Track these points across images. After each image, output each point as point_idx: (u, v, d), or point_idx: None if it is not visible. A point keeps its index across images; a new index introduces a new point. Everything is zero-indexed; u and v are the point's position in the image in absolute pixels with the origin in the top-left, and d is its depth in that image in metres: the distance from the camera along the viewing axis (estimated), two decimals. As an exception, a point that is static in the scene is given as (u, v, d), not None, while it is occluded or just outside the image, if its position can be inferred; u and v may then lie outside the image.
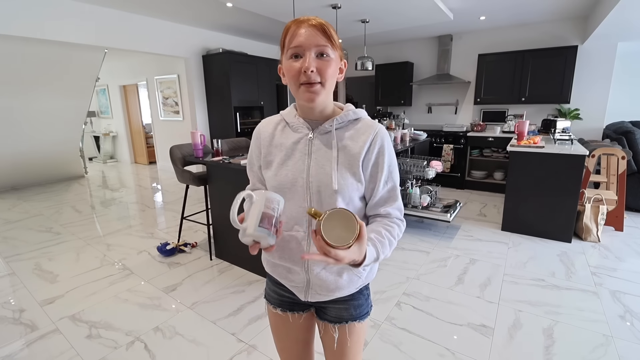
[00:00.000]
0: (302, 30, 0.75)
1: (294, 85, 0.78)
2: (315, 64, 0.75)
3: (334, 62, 0.78)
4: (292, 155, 0.84)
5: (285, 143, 0.86)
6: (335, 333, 0.92)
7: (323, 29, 0.75)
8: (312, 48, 0.75)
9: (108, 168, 7.28)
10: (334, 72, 0.78)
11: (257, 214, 0.68)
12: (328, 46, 0.76)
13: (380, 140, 0.83)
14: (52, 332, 1.95)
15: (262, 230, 0.68)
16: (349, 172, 0.81)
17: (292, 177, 0.82)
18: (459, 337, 1.86)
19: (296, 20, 0.77)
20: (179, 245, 2.98)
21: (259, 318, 2.05)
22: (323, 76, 0.76)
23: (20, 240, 3.32)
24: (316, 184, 0.81)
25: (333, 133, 0.83)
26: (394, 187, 0.86)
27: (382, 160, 0.83)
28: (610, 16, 3.22)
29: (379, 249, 0.76)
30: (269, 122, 0.91)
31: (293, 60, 0.76)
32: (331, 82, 0.79)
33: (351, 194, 0.82)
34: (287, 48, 0.77)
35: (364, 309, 0.93)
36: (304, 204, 0.82)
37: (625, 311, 2.07)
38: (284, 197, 0.82)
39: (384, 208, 0.85)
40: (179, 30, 4.70)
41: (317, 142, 0.83)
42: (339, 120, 0.83)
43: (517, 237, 3.26)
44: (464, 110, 5.52)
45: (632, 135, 3.77)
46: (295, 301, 0.94)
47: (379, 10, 3.87)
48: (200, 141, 2.74)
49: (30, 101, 4.93)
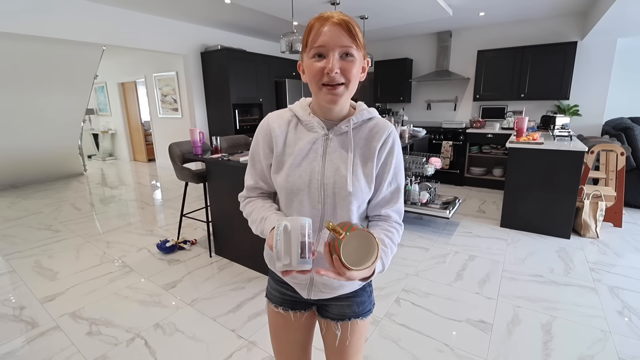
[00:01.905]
0: (326, 29, 0.71)
1: (315, 85, 0.75)
2: (339, 65, 0.72)
3: (358, 62, 0.75)
4: (307, 155, 0.81)
5: (300, 143, 0.82)
6: (337, 330, 0.91)
7: (348, 27, 0.71)
8: (337, 48, 0.72)
9: (107, 166, 7.27)
10: (357, 72, 0.76)
11: (297, 246, 0.65)
12: (353, 46, 0.72)
13: (392, 141, 0.82)
14: (52, 329, 1.95)
15: (303, 261, 0.66)
16: (364, 174, 0.80)
17: (307, 179, 0.80)
18: (457, 333, 1.87)
19: (320, 17, 0.73)
20: (178, 243, 2.98)
21: (258, 314, 2.06)
22: (347, 77, 0.74)
23: (20, 237, 3.32)
24: (331, 186, 0.79)
25: (350, 134, 0.81)
26: (397, 188, 0.85)
27: (390, 160, 0.83)
28: (610, 12, 3.21)
29: (384, 261, 0.76)
30: (279, 117, 0.86)
31: (316, 60, 0.73)
32: (354, 83, 0.76)
33: (364, 197, 0.81)
34: (309, 47, 0.74)
35: (366, 306, 0.92)
36: (317, 206, 0.80)
37: (623, 307, 2.08)
38: (296, 199, 0.81)
39: (384, 209, 0.84)
40: (177, 27, 4.68)
41: (333, 144, 0.81)
42: (354, 120, 0.82)
43: (516, 233, 3.27)
44: (463, 107, 5.51)
45: (631, 131, 3.77)
46: (298, 300, 0.93)
47: (378, 7, 3.85)
48: (199, 138, 2.73)
49: (28, 99, 4.91)
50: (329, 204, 0.80)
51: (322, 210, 0.81)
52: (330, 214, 0.81)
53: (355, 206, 0.80)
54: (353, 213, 0.81)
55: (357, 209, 0.82)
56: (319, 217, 0.81)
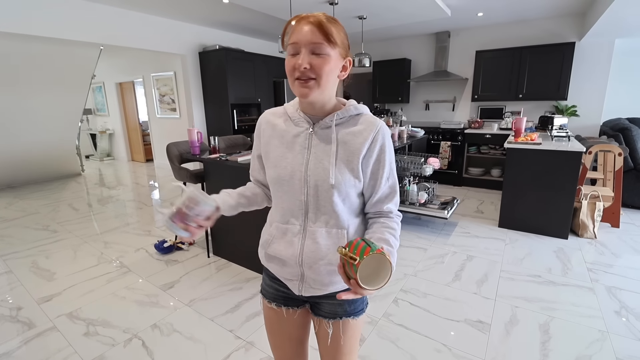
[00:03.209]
0: (300, 27, 0.76)
1: (290, 79, 0.79)
2: (309, 61, 0.75)
3: (331, 59, 0.77)
4: (292, 148, 0.85)
5: (286, 136, 0.87)
6: (329, 329, 0.92)
7: (320, 25, 0.75)
8: (308, 45, 0.75)
9: (105, 166, 7.24)
10: (330, 69, 0.78)
11: (174, 208, 0.76)
12: (324, 44, 0.75)
13: (382, 137, 0.83)
14: (49, 329, 1.94)
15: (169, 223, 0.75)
16: (347, 167, 0.82)
17: (290, 170, 0.83)
18: (456, 333, 1.87)
19: (297, 17, 0.78)
20: (176, 243, 2.98)
21: (256, 315, 2.05)
22: (317, 73, 0.76)
23: (17, 238, 3.30)
24: (314, 178, 0.81)
25: (333, 128, 0.83)
26: (394, 182, 0.87)
27: (384, 157, 0.84)
28: (608, 13, 3.22)
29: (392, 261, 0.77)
30: (272, 112, 0.93)
31: (291, 57, 0.78)
32: (327, 79, 0.78)
33: (348, 190, 0.82)
34: (286, 44, 0.79)
35: (358, 305, 0.93)
36: (300, 197, 0.83)
37: (620, 307, 2.09)
38: (281, 189, 0.85)
39: (386, 205, 0.86)
40: (175, 27, 4.66)
41: (316, 137, 0.84)
42: (340, 115, 0.84)
43: (514, 233, 3.27)
44: (462, 107, 5.52)
45: (628, 132, 3.78)
46: (290, 296, 0.94)
47: (376, 7, 3.85)
48: (197, 138, 2.72)
49: (25, 99, 4.89)
50: (311, 195, 0.82)
51: (306, 202, 0.84)
52: (313, 205, 0.83)
53: (339, 199, 0.82)
54: (337, 205, 0.82)
55: (343, 202, 0.83)
56: (303, 209, 0.84)
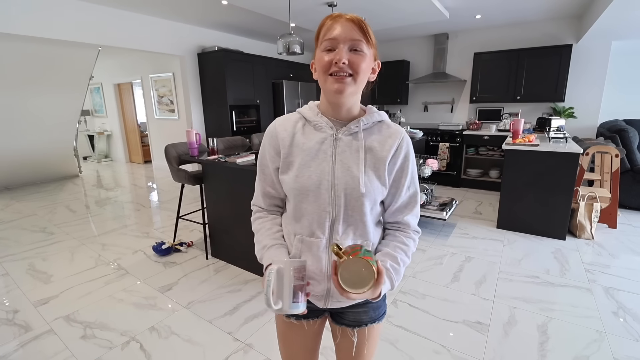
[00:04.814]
0: (338, 24, 0.74)
1: (322, 75, 0.76)
2: (347, 57, 0.74)
3: (367, 58, 0.76)
4: (316, 156, 0.80)
5: (308, 143, 0.81)
6: (354, 337, 0.89)
7: (360, 24, 0.74)
8: (347, 42, 0.74)
9: (103, 167, 7.22)
10: (366, 67, 0.77)
11: (289, 291, 0.67)
12: (363, 41, 0.75)
13: (406, 145, 0.83)
14: (46, 332, 1.93)
15: (295, 305, 0.68)
16: (375, 175, 0.80)
17: (316, 180, 0.78)
18: (454, 334, 1.87)
19: (332, 16, 0.76)
20: (174, 245, 2.96)
21: (255, 317, 2.05)
22: (355, 70, 0.74)
23: (14, 240, 3.28)
24: (342, 186, 0.78)
25: (361, 134, 0.80)
26: (415, 192, 0.85)
27: (407, 165, 0.83)
28: (605, 15, 3.25)
29: (394, 279, 0.77)
30: (286, 120, 0.86)
31: (326, 53, 0.75)
32: (362, 78, 0.77)
33: (376, 198, 0.80)
34: (321, 41, 0.76)
35: (382, 309, 0.91)
36: (327, 208, 0.79)
37: (618, 307, 2.09)
38: (306, 200, 0.80)
39: (404, 216, 0.84)
40: (174, 28, 4.66)
41: (342, 143, 0.80)
42: (365, 121, 0.81)
43: (512, 234, 3.28)
44: (460, 109, 5.54)
45: (625, 133, 3.80)
46: (311, 309, 0.89)
47: (375, 9, 3.86)
48: (196, 140, 2.72)
49: (23, 100, 4.87)
50: (340, 205, 0.78)
51: (333, 212, 0.79)
52: (342, 215, 0.79)
53: (369, 207, 0.80)
54: (366, 215, 0.80)
55: (371, 211, 0.81)
56: (330, 219, 0.79)
